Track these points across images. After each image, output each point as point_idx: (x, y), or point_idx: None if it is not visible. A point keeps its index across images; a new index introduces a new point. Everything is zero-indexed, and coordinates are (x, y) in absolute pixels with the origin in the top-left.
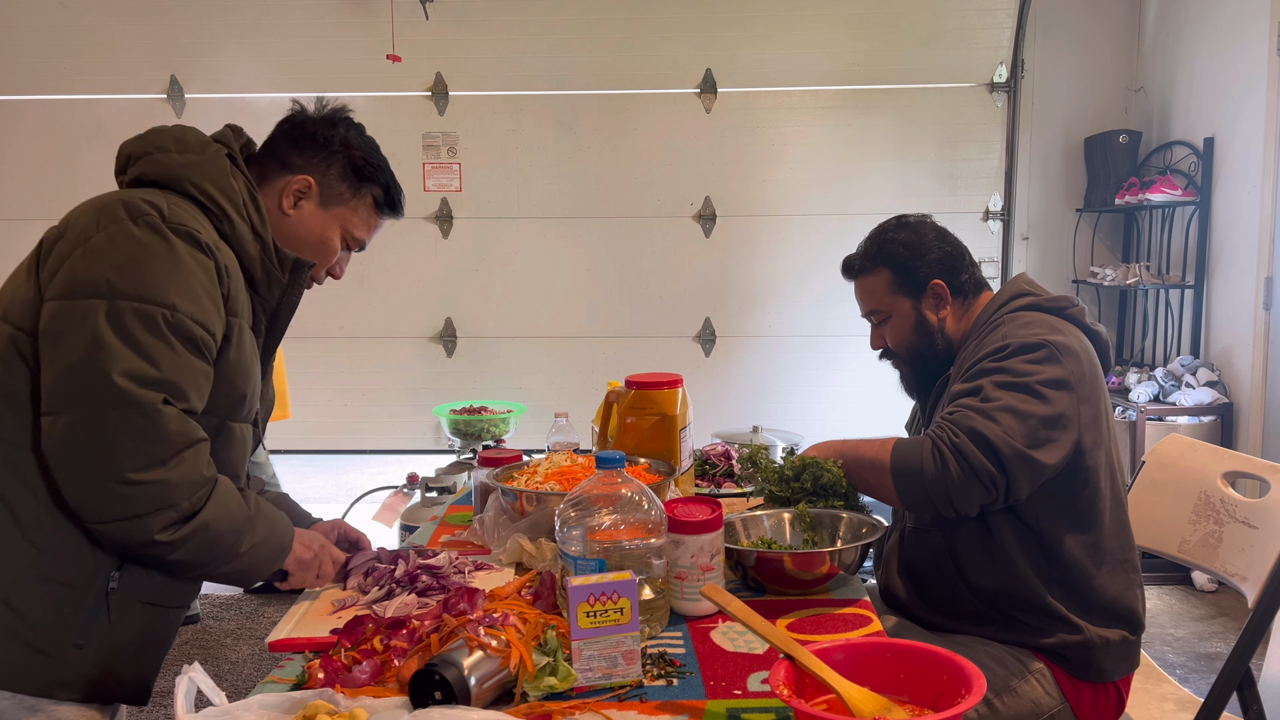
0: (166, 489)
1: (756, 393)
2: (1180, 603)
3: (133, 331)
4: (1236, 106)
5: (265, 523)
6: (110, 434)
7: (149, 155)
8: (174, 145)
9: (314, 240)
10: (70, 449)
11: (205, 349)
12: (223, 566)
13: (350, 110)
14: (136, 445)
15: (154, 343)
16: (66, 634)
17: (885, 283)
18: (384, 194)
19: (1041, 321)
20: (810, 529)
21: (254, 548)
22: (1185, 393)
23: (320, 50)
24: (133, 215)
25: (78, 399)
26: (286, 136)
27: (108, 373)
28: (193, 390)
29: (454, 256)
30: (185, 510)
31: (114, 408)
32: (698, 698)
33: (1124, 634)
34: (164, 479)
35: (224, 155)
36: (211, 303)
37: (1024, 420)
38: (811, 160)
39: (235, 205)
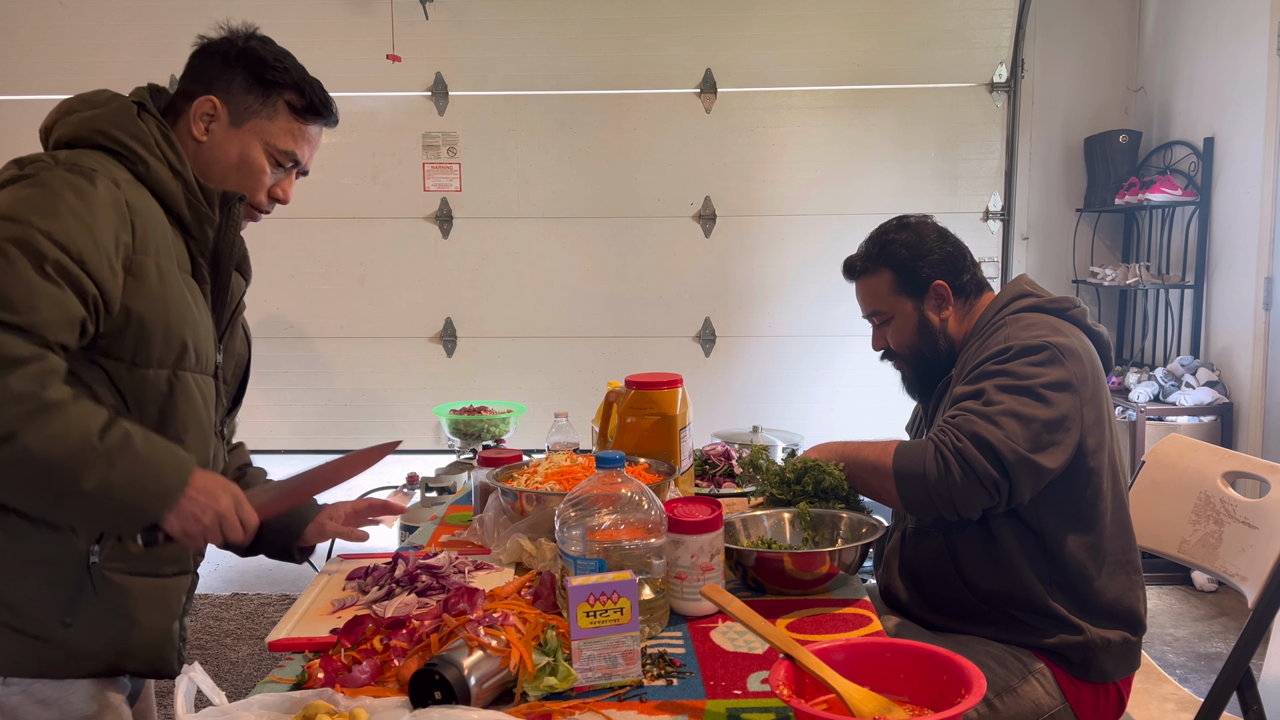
0: None
1: (756, 393)
2: (1180, 603)
3: None
4: (1236, 106)
5: (130, 460)
6: None
7: (59, 121)
8: (80, 105)
9: (235, 163)
10: None
11: (53, 269)
12: (63, 505)
13: (257, 27)
14: None
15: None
16: (51, 613)
17: (887, 284)
18: (298, 96)
19: (1043, 323)
20: (811, 528)
21: (107, 485)
22: (1185, 393)
23: (320, 50)
24: (21, 165)
25: None
26: (191, 68)
27: None
28: (22, 305)
29: (454, 256)
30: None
31: None
32: (698, 698)
33: (1125, 635)
34: None
35: (130, 102)
36: (84, 228)
37: (1027, 424)
38: (811, 160)
39: (145, 145)
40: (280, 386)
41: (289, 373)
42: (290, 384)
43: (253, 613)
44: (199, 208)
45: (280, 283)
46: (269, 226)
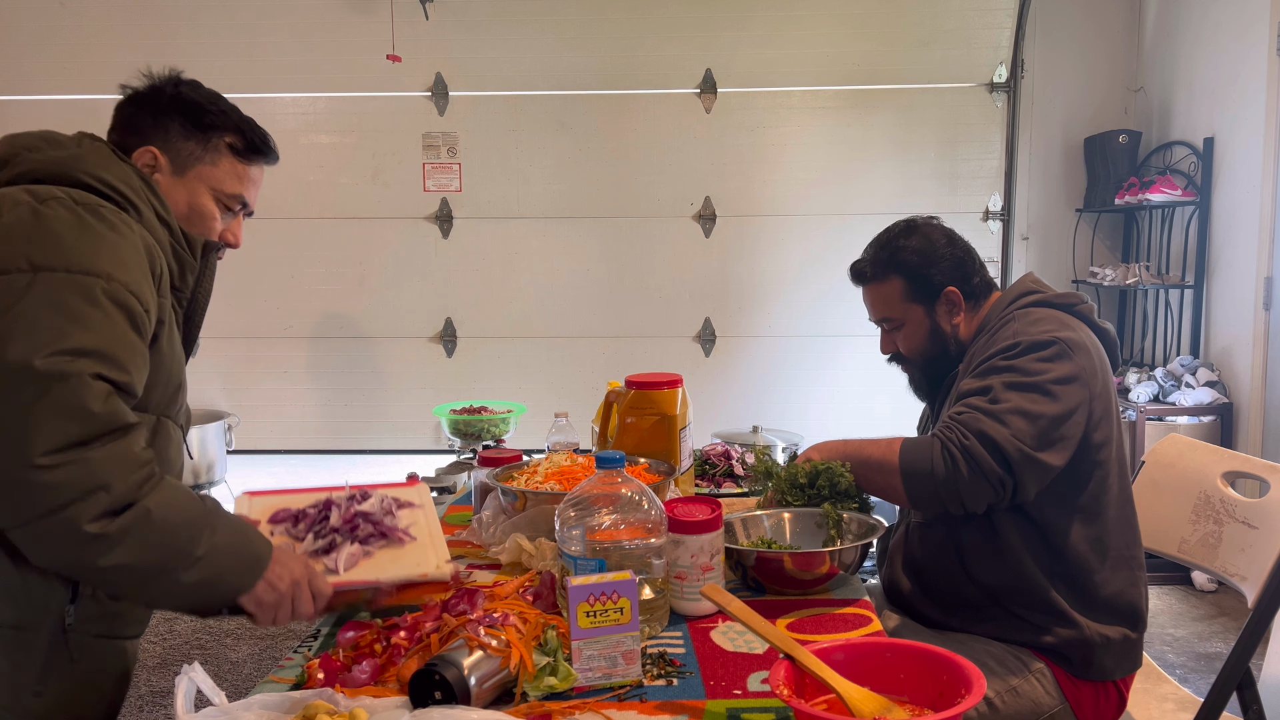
0: (89, 469)
1: (756, 393)
2: (1180, 603)
3: (62, 301)
4: (1236, 106)
5: (228, 524)
6: (21, 413)
7: (20, 155)
8: (43, 144)
9: (185, 213)
10: None
11: (141, 324)
12: (178, 574)
13: (181, 72)
14: (52, 422)
15: (87, 310)
16: (22, 682)
17: (898, 291)
18: (239, 138)
19: (1052, 318)
20: (835, 528)
21: (214, 551)
22: (1185, 393)
23: (320, 50)
24: (38, 198)
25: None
26: (121, 120)
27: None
28: (130, 365)
29: (454, 256)
30: (120, 495)
31: (32, 383)
32: (698, 698)
33: (1125, 632)
34: (86, 458)
35: (104, 144)
36: (143, 275)
37: (1034, 421)
38: (811, 160)
39: (135, 190)
40: (280, 386)
41: (289, 373)
42: (290, 384)
43: None
44: (184, 257)
45: (280, 283)
46: (269, 227)
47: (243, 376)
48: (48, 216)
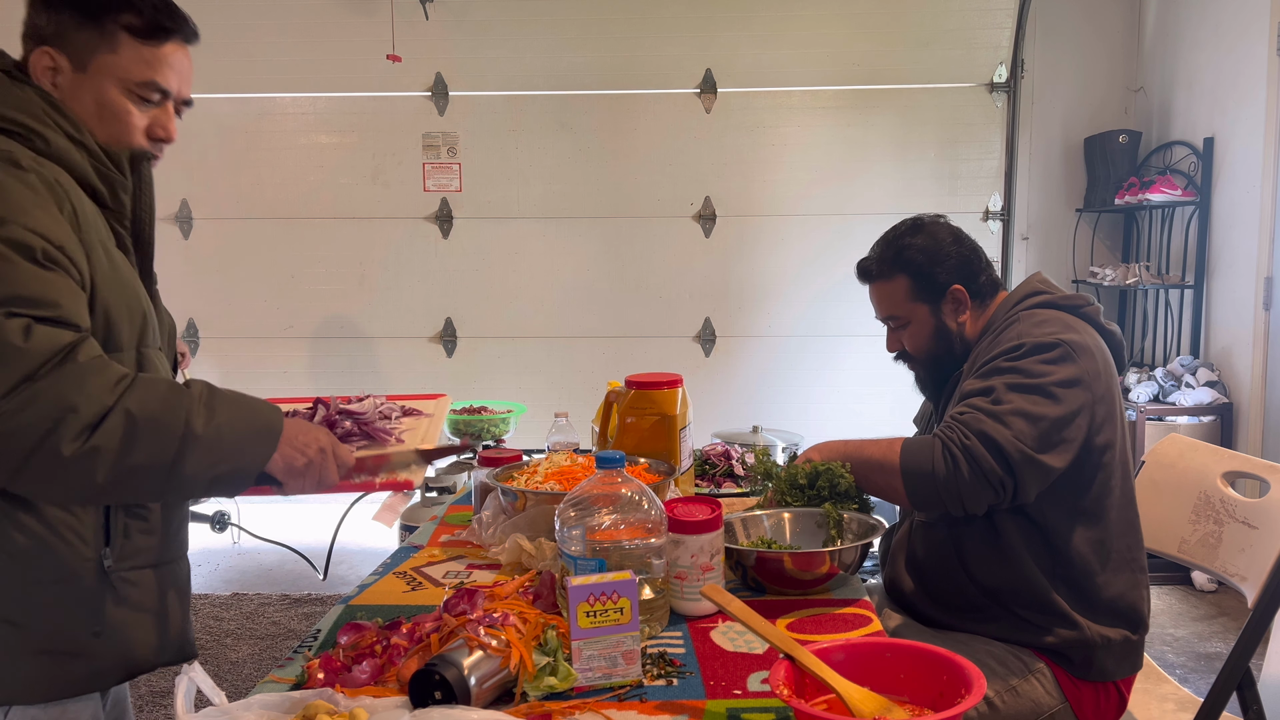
0: (44, 399)
1: (756, 393)
2: (1180, 603)
3: None
4: (1236, 106)
5: (228, 401)
6: None
7: None
8: None
9: (95, 112)
10: None
11: (49, 258)
12: (185, 461)
13: None
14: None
15: None
16: (79, 627)
17: (904, 289)
18: (136, 16)
19: (1056, 319)
20: (835, 528)
21: (219, 430)
22: (1185, 393)
23: (320, 50)
24: None
25: None
26: (25, 23)
27: None
28: (46, 297)
29: (454, 256)
30: (89, 409)
31: None
32: (698, 698)
33: (1126, 633)
34: (35, 390)
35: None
36: (46, 213)
37: (1035, 423)
38: (811, 160)
39: (35, 116)
40: (280, 387)
41: (288, 373)
42: (290, 384)
43: (253, 613)
44: (109, 175)
45: (280, 283)
46: (269, 227)
47: (243, 377)
48: None
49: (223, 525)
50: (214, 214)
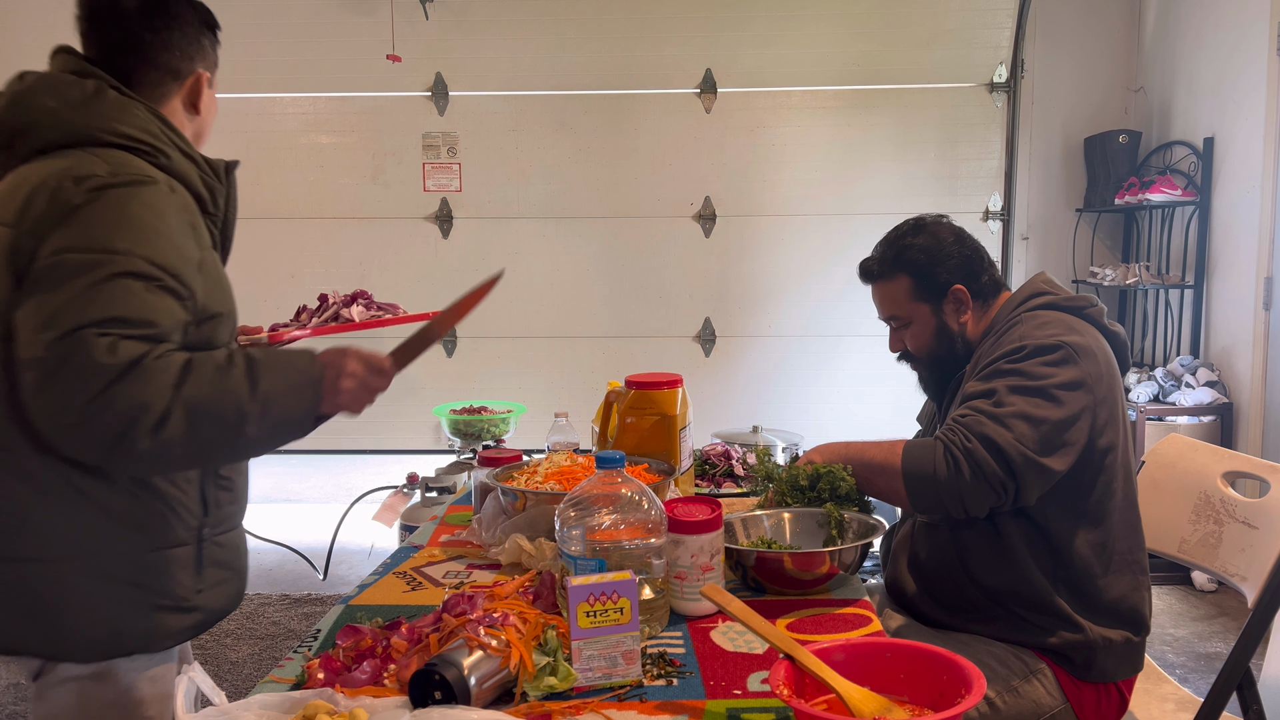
0: (118, 404)
1: (756, 393)
2: (1180, 603)
3: (80, 279)
4: (1236, 106)
5: (268, 366)
6: (53, 379)
7: (37, 124)
8: (51, 99)
9: (210, 124)
10: (36, 405)
11: (165, 288)
12: (248, 429)
13: None
14: (71, 383)
15: (101, 286)
16: (188, 587)
17: (905, 289)
18: (212, 32)
19: (1059, 321)
20: (836, 528)
21: (268, 396)
22: (1185, 393)
23: (320, 50)
24: (77, 180)
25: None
26: (144, 40)
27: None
28: (145, 318)
29: (454, 256)
30: (158, 407)
31: (52, 352)
32: (698, 698)
33: (1127, 635)
34: (111, 396)
35: (109, 89)
36: (172, 245)
37: (1037, 426)
38: (811, 160)
39: (154, 135)
40: None
41: None
42: None
43: (253, 613)
44: (212, 184)
45: (280, 283)
46: (269, 227)
47: None
48: (88, 203)
49: None
50: None
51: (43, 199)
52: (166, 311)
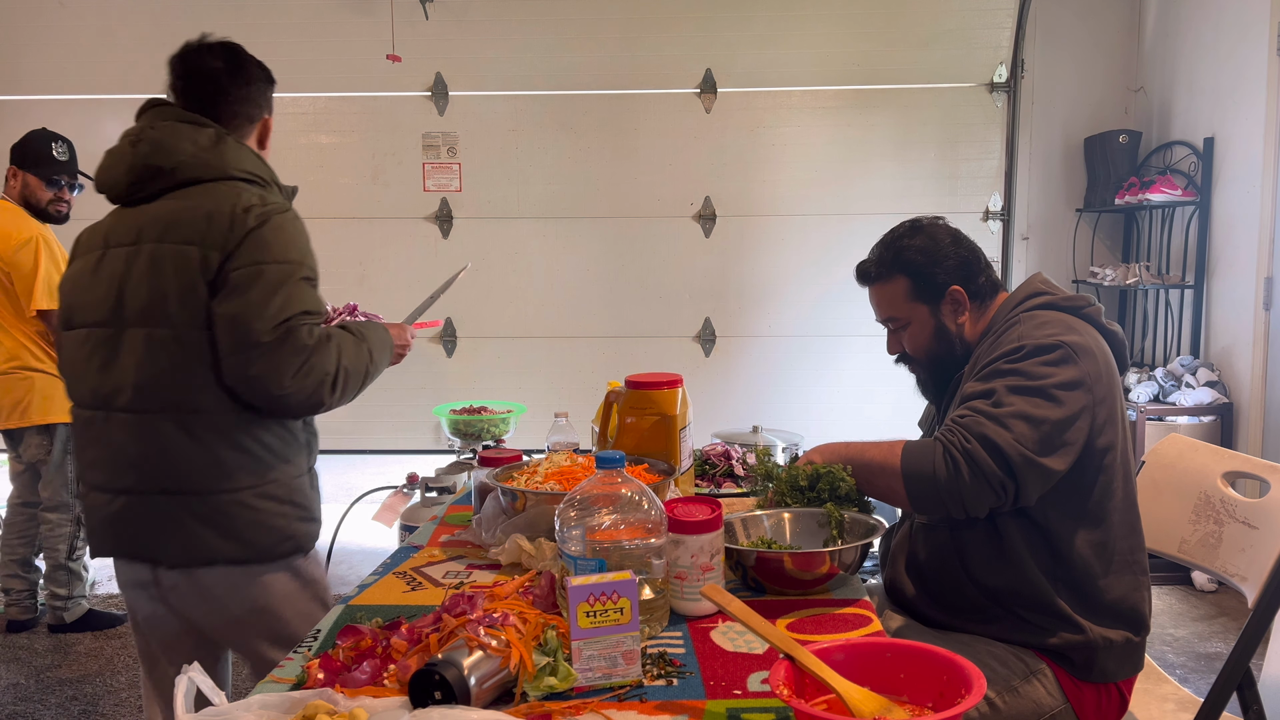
0: (315, 374)
1: (756, 393)
2: (1180, 603)
3: (280, 284)
4: (1236, 106)
5: (373, 336)
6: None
7: (182, 165)
8: (189, 145)
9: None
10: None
11: (316, 282)
12: (371, 377)
13: (208, 35)
14: (290, 359)
15: (291, 286)
16: (317, 502)
17: (903, 290)
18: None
19: (1058, 321)
20: (837, 528)
21: (376, 354)
22: (1185, 393)
23: (320, 50)
24: (254, 209)
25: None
26: (231, 95)
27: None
28: (319, 308)
29: (454, 256)
30: (333, 373)
31: (272, 336)
32: (698, 698)
33: (1128, 635)
34: (310, 366)
35: (225, 136)
36: (311, 250)
37: (1037, 426)
38: (811, 160)
39: (263, 170)
40: None
41: None
42: None
43: None
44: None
45: None
46: None
47: None
48: (265, 222)
49: None
50: None
51: (222, 223)
52: (322, 302)
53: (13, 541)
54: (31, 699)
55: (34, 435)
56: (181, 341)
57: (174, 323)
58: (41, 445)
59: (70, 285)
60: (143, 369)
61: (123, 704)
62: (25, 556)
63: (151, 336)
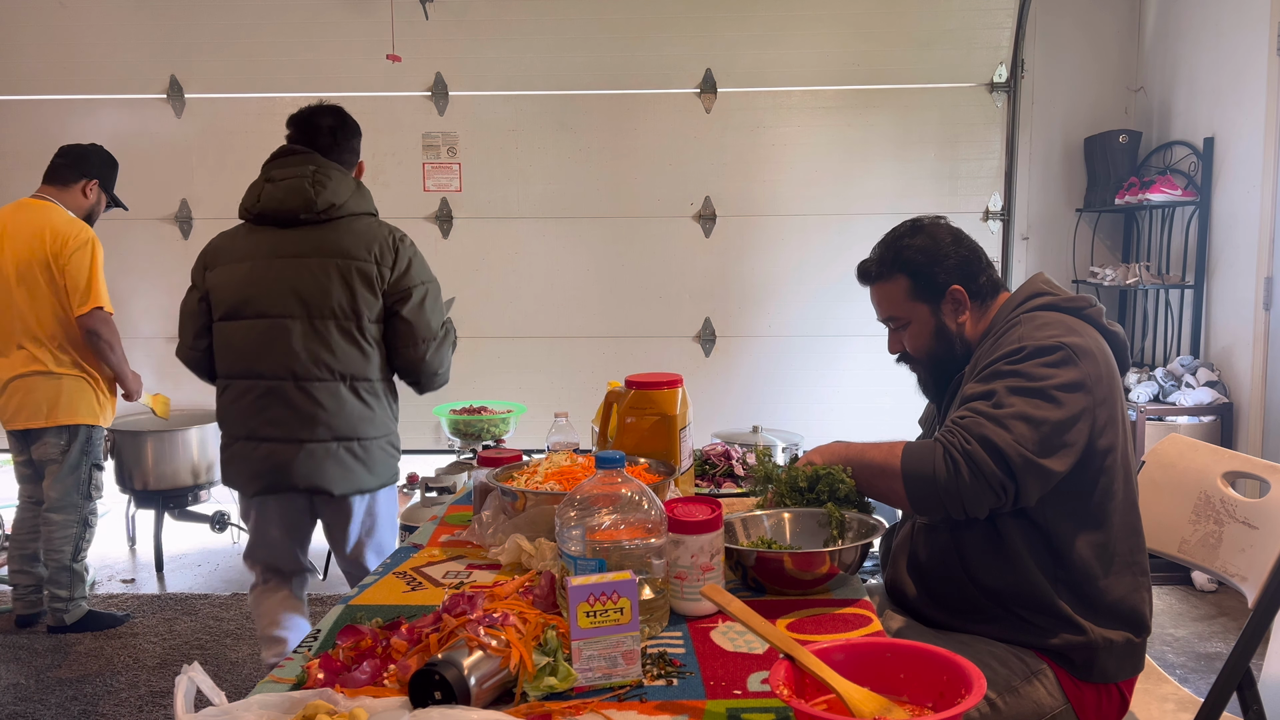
0: (446, 359)
1: (756, 393)
2: (1180, 603)
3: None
4: (1236, 106)
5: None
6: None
7: (344, 203)
8: (344, 189)
9: None
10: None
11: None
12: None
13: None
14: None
15: (437, 303)
16: (399, 449)
17: (903, 289)
18: None
19: (1058, 322)
20: (837, 528)
21: (448, 349)
22: (1185, 393)
23: (320, 50)
24: (399, 238)
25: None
26: (341, 145)
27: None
28: (447, 314)
29: (454, 256)
30: (449, 360)
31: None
32: (698, 698)
33: (1128, 636)
34: (444, 355)
35: (357, 181)
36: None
37: (1037, 427)
38: (811, 160)
39: (375, 206)
40: None
41: None
42: None
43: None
44: None
45: None
46: None
47: None
48: (403, 248)
49: (223, 525)
50: (214, 214)
51: (385, 248)
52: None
53: (22, 537)
54: (31, 699)
55: (53, 435)
56: (351, 331)
57: (342, 315)
58: (58, 445)
59: (232, 285)
60: (316, 349)
61: (123, 704)
62: (35, 552)
63: (321, 326)
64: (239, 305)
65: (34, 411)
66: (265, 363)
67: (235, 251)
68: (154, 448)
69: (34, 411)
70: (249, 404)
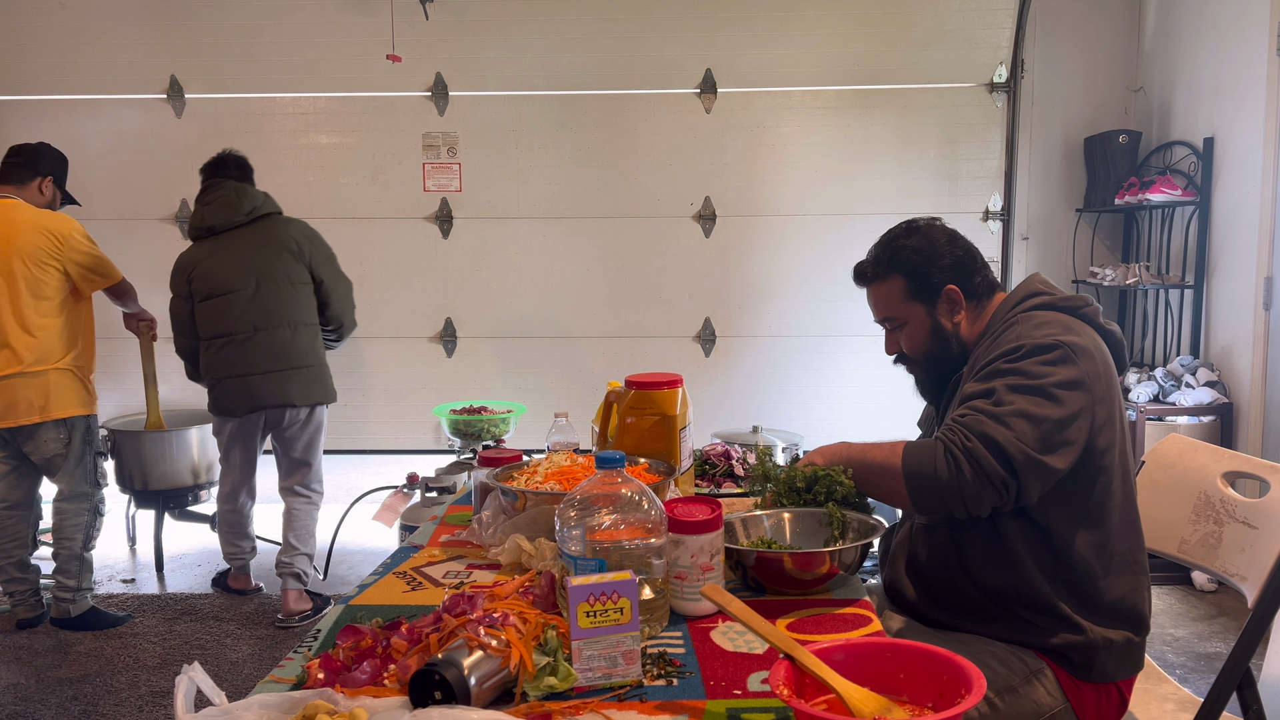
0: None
1: (756, 393)
2: (1180, 603)
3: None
4: (1236, 106)
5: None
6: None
7: (259, 207)
8: (258, 195)
9: None
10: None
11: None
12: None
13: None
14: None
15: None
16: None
17: (899, 290)
18: None
19: (1056, 321)
20: (838, 528)
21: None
22: (1185, 393)
23: (320, 50)
24: (307, 225)
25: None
26: (247, 171)
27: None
28: None
29: (454, 256)
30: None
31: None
32: (698, 698)
33: (1128, 635)
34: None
35: (263, 192)
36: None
37: (1037, 425)
38: (811, 160)
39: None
40: None
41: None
42: None
43: (253, 613)
44: None
45: None
46: None
47: None
48: (314, 230)
49: None
50: None
51: (303, 238)
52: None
53: (6, 545)
54: (31, 699)
55: (50, 430)
56: (294, 293)
57: (285, 281)
58: (58, 439)
59: (208, 277)
60: (273, 307)
61: (123, 704)
62: (21, 558)
63: (274, 290)
64: (213, 288)
65: (25, 409)
66: (235, 322)
67: (201, 254)
68: (154, 448)
69: (25, 409)
70: (229, 352)
